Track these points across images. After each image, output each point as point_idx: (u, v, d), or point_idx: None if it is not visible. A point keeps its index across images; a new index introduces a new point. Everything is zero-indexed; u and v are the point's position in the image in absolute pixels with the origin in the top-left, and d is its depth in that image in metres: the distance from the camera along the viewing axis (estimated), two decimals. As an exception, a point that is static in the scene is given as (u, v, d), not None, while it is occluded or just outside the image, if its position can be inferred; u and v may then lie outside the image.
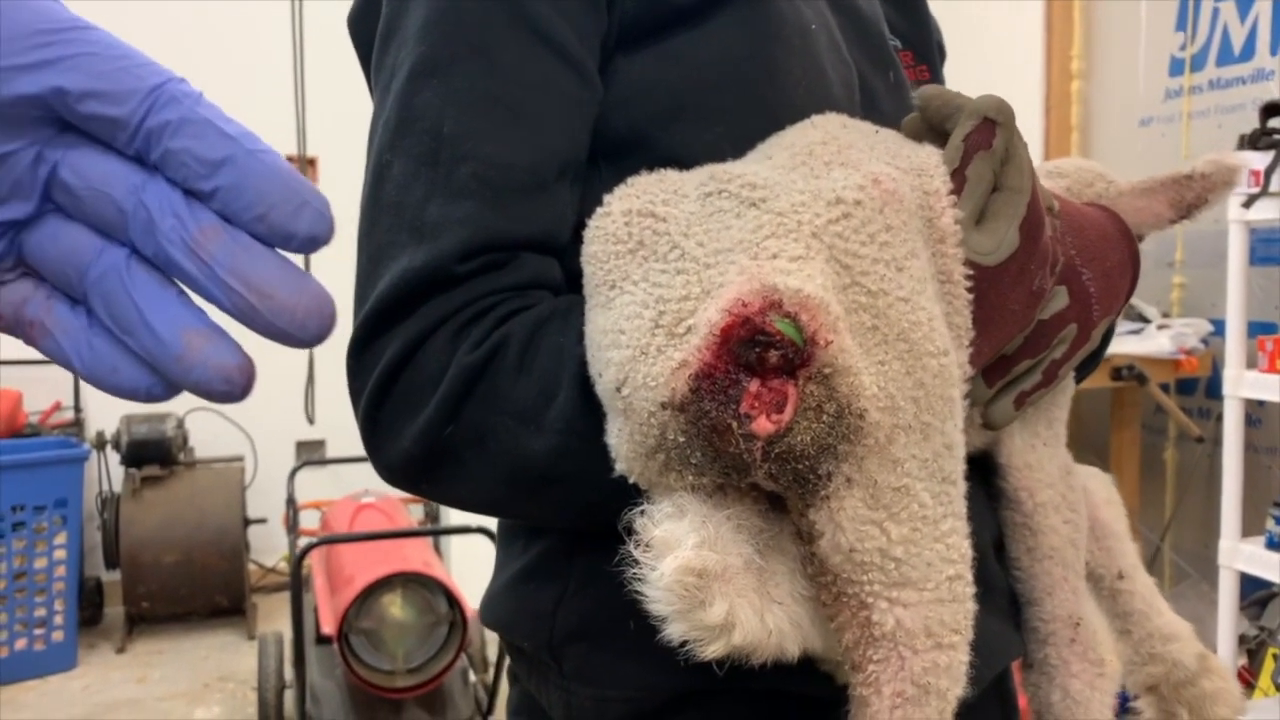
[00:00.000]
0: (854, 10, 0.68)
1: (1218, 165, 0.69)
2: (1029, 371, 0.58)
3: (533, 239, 0.54)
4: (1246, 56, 2.84)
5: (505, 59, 0.54)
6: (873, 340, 0.44)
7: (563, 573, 0.59)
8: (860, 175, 0.47)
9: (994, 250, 0.50)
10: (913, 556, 0.45)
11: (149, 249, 0.25)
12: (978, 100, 0.52)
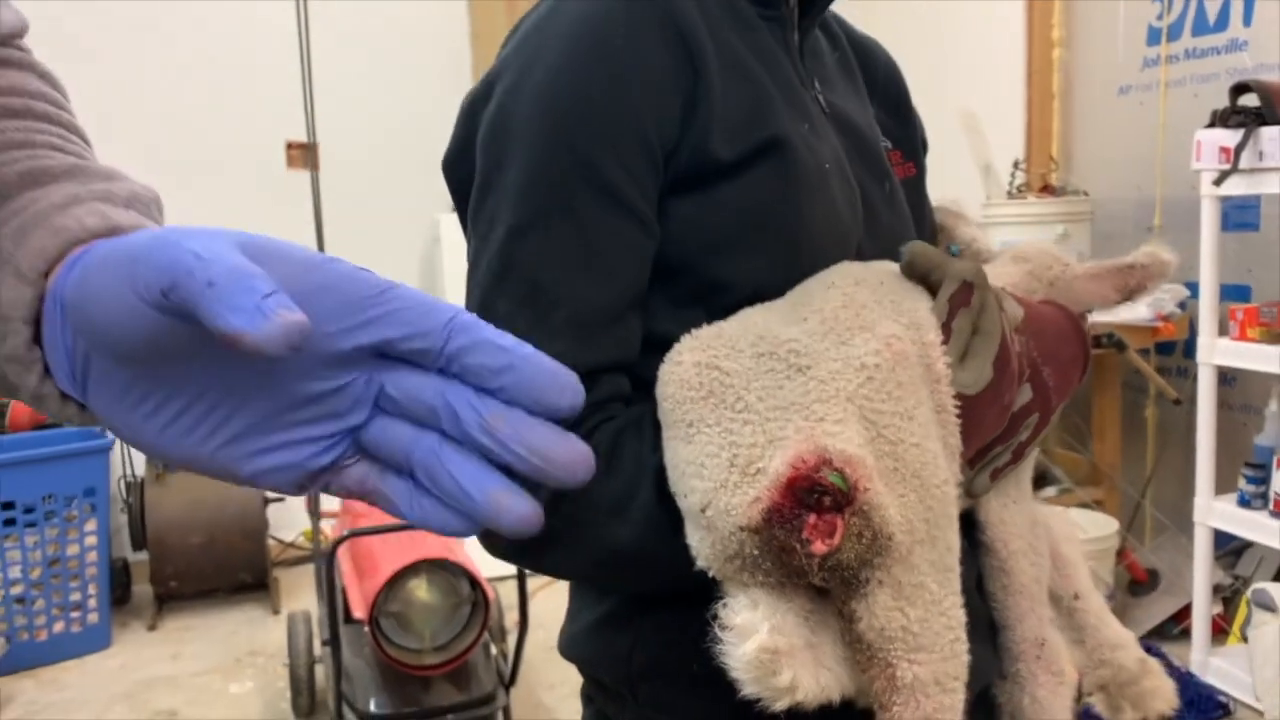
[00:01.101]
0: (856, 133, 0.80)
1: (1154, 258, 0.81)
2: (1001, 453, 0.70)
3: (611, 363, 0.67)
4: (1221, 27, 2.91)
5: (587, 219, 0.66)
6: (895, 479, 0.58)
7: (635, 624, 0.73)
8: (877, 340, 0.61)
9: (974, 384, 0.63)
10: (925, 629, 0.59)
11: (455, 433, 0.35)
12: (958, 266, 0.65)
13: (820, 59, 0.84)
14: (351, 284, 0.34)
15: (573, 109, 0.66)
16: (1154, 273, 0.81)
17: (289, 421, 0.37)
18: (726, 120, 0.69)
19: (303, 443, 0.37)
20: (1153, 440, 3.13)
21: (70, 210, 0.40)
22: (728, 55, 0.71)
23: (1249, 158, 2.29)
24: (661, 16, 0.68)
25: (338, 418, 0.37)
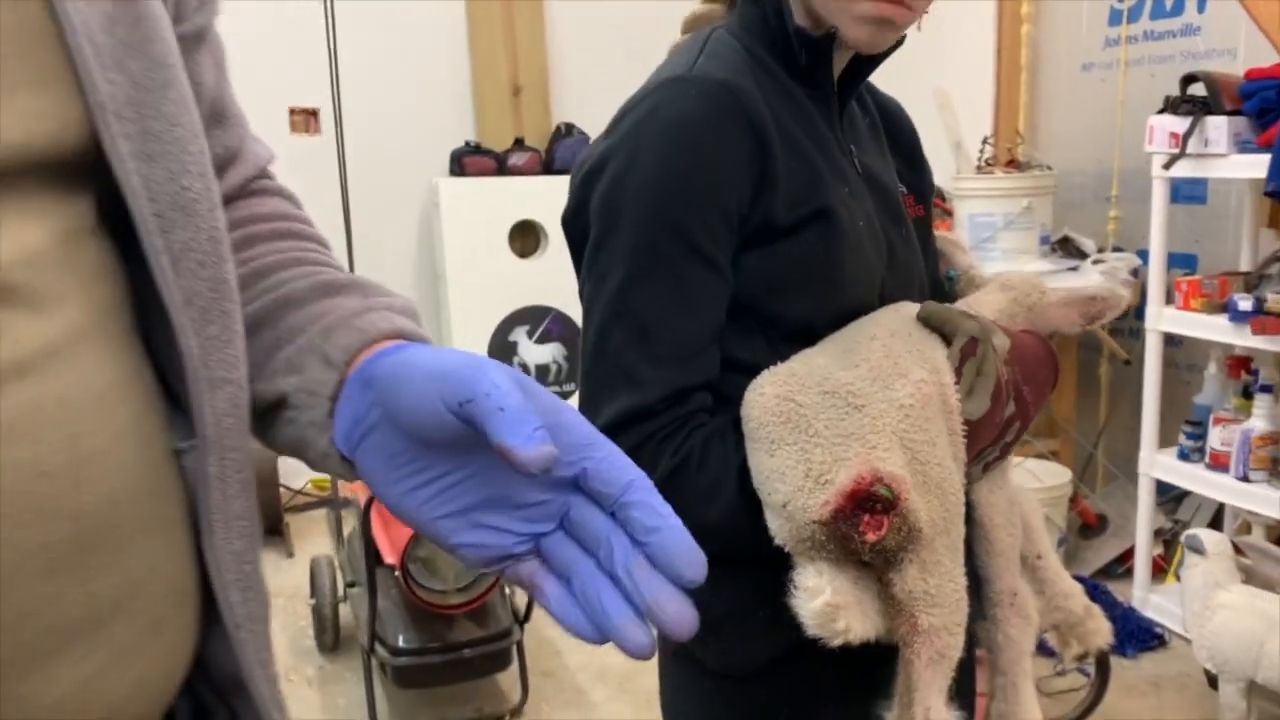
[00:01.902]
0: (882, 189, 1.01)
1: (1112, 293, 1.03)
2: (992, 451, 0.93)
3: (700, 383, 0.88)
4: (1177, 12, 3.12)
5: (682, 273, 0.87)
6: (923, 489, 0.82)
7: (713, 580, 0.95)
8: (911, 385, 0.84)
9: (977, 413, 0.86)
10: (940, 592, 0.83)
11: (607, 564, 0.45)
12: (967, 325, 0.88)
13: (855, 126, 1.04)
14: (575, 428, 0.47)
15: (672, 190, 0.86)
16: (1112, 304, 1.04)
17: (502, 515, 0.48)
18: (787, 194, 0.89)
19: (506, 532, 0.48)
20: (1106, 396, 3.39)
21: (366, 316, 0.56)
22: (788, 140, 0.90)
23: (1195, 144, 2.51)
24: (740, 115, 0.87)
25: (534, 522, 0.48)
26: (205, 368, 0.51)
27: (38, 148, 0.44)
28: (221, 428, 0.52)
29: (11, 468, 0.41)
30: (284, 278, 0.61)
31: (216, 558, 0.52)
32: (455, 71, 3.89)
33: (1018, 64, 3.62)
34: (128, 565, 0.47)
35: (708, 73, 0.88)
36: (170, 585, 0.50)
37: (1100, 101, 3.37)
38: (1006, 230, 3.02)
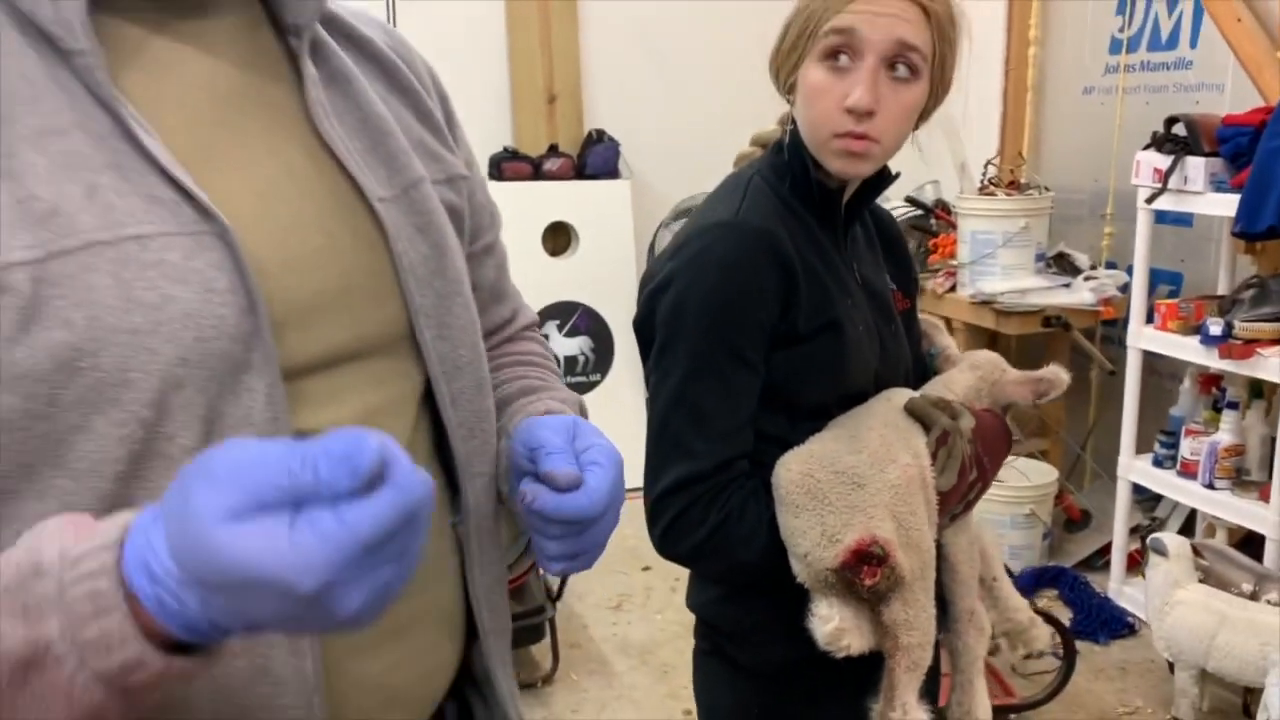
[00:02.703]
0: (877, 295, 1.29)
1: (1056, 376, 1.31)
2: (958, 508, 1.21)
3: (740, 454, 1.16)
4: (1172, 45, 3.33)
5: (728, 374, 1.14)
6: (907, 548, 1.10)
7: (747, 600, 1.24)
8: (899, 468, 1.12)
9: (946, 486, 1.15)
10: (915, 619, 1.12)
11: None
12: (942, 419, 1.15)
13: (857, 242, 1.31)
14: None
15: (721, 311, 1.14)
16: (1057, 385, 1.31)
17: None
18: (806, 311, 1.17)
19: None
20: (1095, 400, 3.64)
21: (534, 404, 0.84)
22: (807, 270, 1.18)
23: (1176, 180, 2.74)
24: (772, 255, 1.15)
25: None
26: (470, 467, 0.80)
27: (385, 336, 0.74)
28: (479, 505, 0.81)
29: None
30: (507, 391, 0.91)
31: (475, 591, 0.82)
32: (494, 81, 4.13)
33: (1025, 83, 3.83)
34: (423, 595, 0.77)
35: (748, 220, 1.16)
36: (447, 609, 0.81)
37: (1099, 124, 3.59)
38: (1005, 247, 3.26)
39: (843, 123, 1.13)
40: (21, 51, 0.62)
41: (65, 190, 0.60)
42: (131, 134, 0.63)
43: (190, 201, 0.63)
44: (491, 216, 0.93)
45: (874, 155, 1.15)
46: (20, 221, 0.58)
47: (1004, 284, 3.23)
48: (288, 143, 0.72)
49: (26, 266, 0.57)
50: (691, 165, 4.07)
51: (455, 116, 0.89)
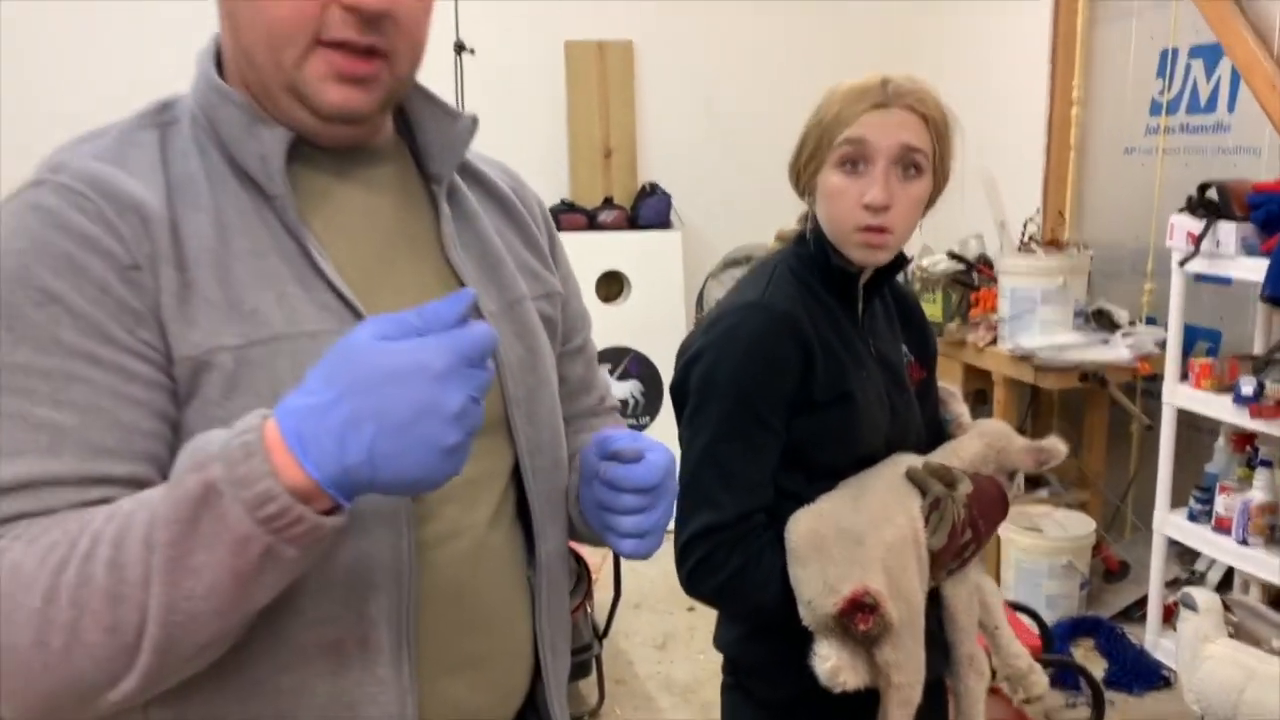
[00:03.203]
0: (891, 367, 1.43)
1: (1055, 447, 1.43)
2: (954, 565, 1.34)
3: (759, 508, 1.31)
4: (1210, 109, 3.42)
5: (752, 436, 1.30)
6: (897, 598, 1.23)
7: (769, 640, 1.37)
8: (894, 529, 1.26)
9: (937, 546, 1.28)
10: (904, 660, 1.25)
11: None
12: (936, 487, 1.28)
13: (875, 318, 1.46)
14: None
15: (746, 382, 1.30)
16: (1055, 455, 1.44)
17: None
18: (822, 383, 1.32)
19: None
20: (1135, 453, 3.70)
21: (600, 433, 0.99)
22: (824, 347, 1.33)
23: (1209, 244, 2.83)
24: (793, 335, 1.30)
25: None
26: (544, 530, 0.97)
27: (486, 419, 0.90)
28: (550, 561, 0.98)
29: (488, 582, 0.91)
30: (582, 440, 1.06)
31: (542, 632, 0.98)
32: (553, 137, 4.34)
33: (1067, 143, 3.93)
34: (501, 631, 0.94)
35: (774, 303, 1.33)
36: (519, 645, 0.97)
37: (1140, 183, 3.67)
38: (1044, 304, 3.35)
39: (862, 218, 1.30)
40: (237, 193, 0.84)
41: (262, 296, 0.81)
42: (311, 257, 0.84)
43: (349, 308, 0.84)
44: (583, 321, 1.12)
45: (890, 244, 1.33)
46: (229, 317, 0.79)
47: (1042, 339, 3.32)
48: (424, 265, 0.93)
49: (231, 350, 0.79)
50: (740, 218, 4.24)
51: (558, 240, 1.10)
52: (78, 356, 0.75)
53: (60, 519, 0.72)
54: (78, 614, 0.68)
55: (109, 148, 0.84)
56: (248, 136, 0.84)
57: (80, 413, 0.75)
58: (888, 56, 4.72)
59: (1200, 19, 3.34)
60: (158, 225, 0.79)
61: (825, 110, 1.33)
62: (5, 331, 0.74)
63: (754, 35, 4.60)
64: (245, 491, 0.67)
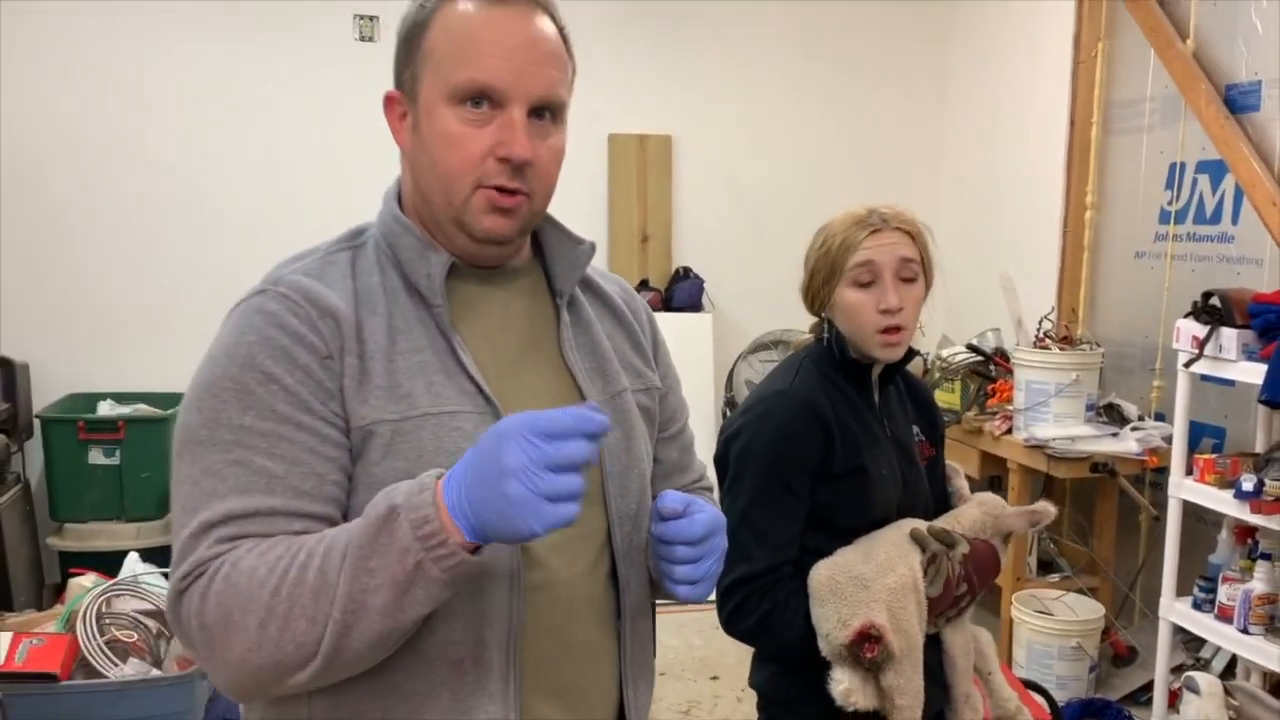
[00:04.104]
0: (902, 445, 1.67)
1: (1045, 510, 1.66)
2: (951, 612, 1.56)
3: (786, 561, 1.54)
4: (1216, 220, 3.64)
5: (783, 503, 1.53)
6: (897, 633, 1.46)
7: (799, 676, 1.57)
8: (896, 577, 1.49)
9: (934, 593, 1.50)
10: (905, 686, 1.47)
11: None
12: (934, 545, 1.50)
13: (889, 402, 1.70)
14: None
15: (777, 459, 1.54)
16: (1045, 516, 1.68)
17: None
18: (840, 457, 1.55)
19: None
20: (1144, 541, 3.86)
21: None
22: (842, 428, 1.57)
23: (1211, 348, 3.03)
24: (817, 419, 1.55)
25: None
26: (629, 586, 1.16)
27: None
28: (634, 613, 1.17)
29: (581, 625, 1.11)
30: None
31: (626, 672, 1.17)
32: (595, 223, 4.60)
33: (1081, 245, 4.16)
34: (591, 667, 1.14)
35: (799, 391, 1.59)
36: (606, 683, 1.16)
37: (1149, 285, 3.89)
38: (1057, 397, 3.55)
39: (881, 321, 1.59)
40: (406, 303, 1.08)
41: (415, 383, 1.04)
42: (456, 354, 1.07)
43: (482, 395, 1.06)
44: (681, 411, 1.33)
45: (905, 339, 1.62)
46: (389, 398, 1.03)
47: (1055, 430, 3.51)
48: (545, 362, 1.15)
49: (390, 423, 1.02)
50: (768, 303, 4.47)
51: (662, 343, 1.32)
52: (287, 422, 0.99)
53: (282, 538, 0.95)
54: (290, 606, 0.91)
55: (314, 266, 1.10)
56: (420, 260, 1.08)
57: (288, 464, 0.98)
58: (912, 160, 5.02)
59: (1206, 137, 3.59)
60: (347, 326, 1.04)
61: (830, 241, 1.61)
62: (236, 400, 0.99)
63: (784, 134, 4.88)
64: (413, 514, 0.89)
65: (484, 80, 1.03)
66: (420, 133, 1.07)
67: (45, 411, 3.94)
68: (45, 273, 4.15)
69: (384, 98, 1.13)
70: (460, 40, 1.05)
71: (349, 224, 1.17)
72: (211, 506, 0.96)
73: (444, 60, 1.05)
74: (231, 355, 1.01)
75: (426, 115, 1.06)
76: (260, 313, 1.03)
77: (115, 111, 4.18)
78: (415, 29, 1.08)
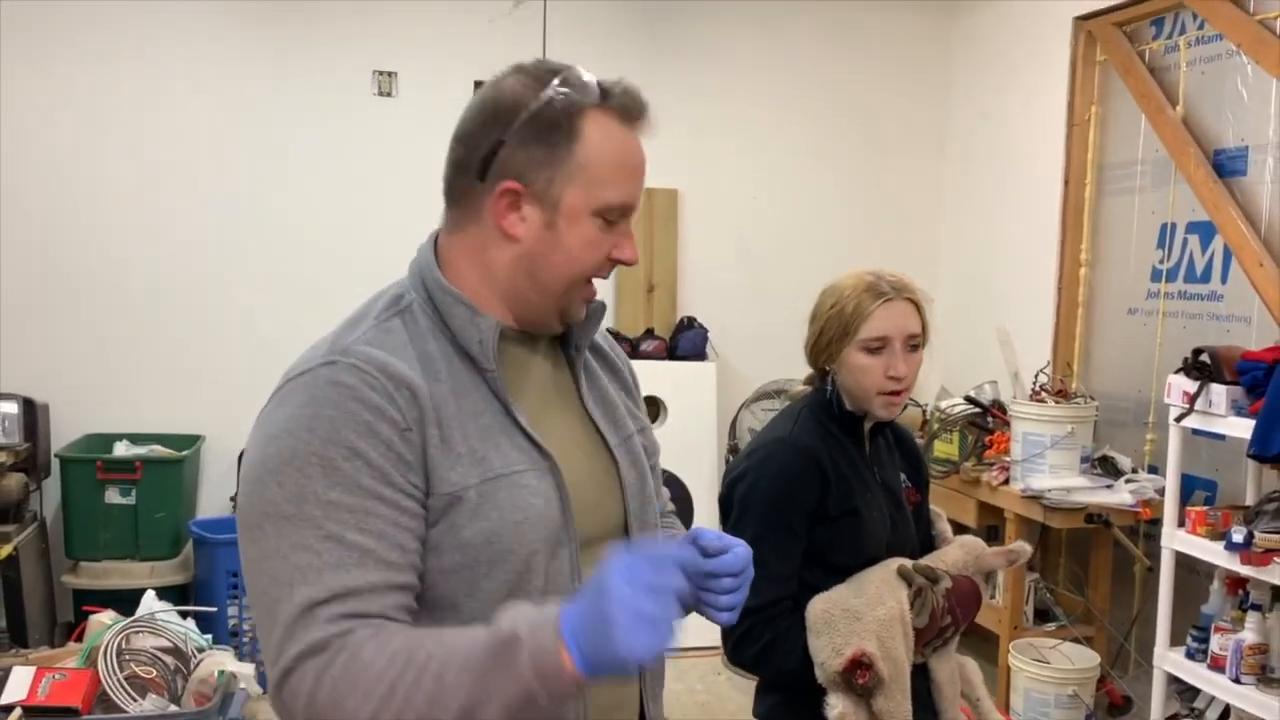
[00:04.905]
0: (891, 490, 1.79)
1: (1022, 549, 1.79)
2: (937, 642, 1.67)
3: (786, 595, 1.64)
4: (1205, 279, 3.76)
5: (783, 540, 1.65)
6: (887, 660, 1.58)
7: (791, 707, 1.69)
8: (885, 609, 1.60)
9: (920, 624, 1.61)
10: (895, 711, 1.59)
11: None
12: (919, 580, 1.62)
13: (880, 452, 1.83)
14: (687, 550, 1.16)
15: (778, 501, 1.66)
16: (1022, 555, 1.81)
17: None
18: (834, 500, 1.68)
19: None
20: (1139, 591, 3.93)
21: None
22: (836, 473, 1.69)
23: (1202, 403, 3.13)
24: (814, 464, 1.68)
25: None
26: None
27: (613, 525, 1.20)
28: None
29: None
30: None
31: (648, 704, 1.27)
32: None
33: (1076, 301, 4.28)
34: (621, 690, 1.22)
35: (799, 439, 1.72)
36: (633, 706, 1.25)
37: (1142, 341, 4.00)
38: (1053, 449, 3.65)
39: (887, 385, 1.73)
40: (459, 366, 1.15)
41: (486, 446, 1.11)
42: (512, 414, 1.15)
43: (539, 450, 1.15)
44: (654, 446, 1.42)
45: (903, 401, 1.76)
46: (471, 463, 1.10)
47: (1051, 481, 3.61)
48: (571, 412, 1.26)
49: (475, 487, 1.09)
50: (771, 353, 4.58)
51: (640, 388, 1.42)
52: (372, 497, 1.03)
53: (400, 630, 0.99)
54: (404, 706, 0.94)
55: (374, 335, 1.12)
56: (471, 326, 1.15)
57: (376, 538, 1.02)
58: (912, 218, 5.16)
59: (1196, 199, 3.72)
60: (422, 397, 1.08)
61: (844, 304, 1.75)
62: (322, 475, 1.02)
63: (789, 191, 5.03)
64: (535, 648, 0.93)
65: (629, 204, 1.16)
66: (557, 232, 1.13)
67: (64, 451, 4.02)
68: (65, 316, 4.25)
69: (500, 190, 1.13)
70: (613, 163, 1.14)
71: (362, 274, 1.23)
72: (312, 582, 0.99)
73: (597, 180, 1.13)
74: (312, 429, 1.03)
75: (569, 221, 1.13)
76: (335, 385, 1.05)
77: (133, 158, 4.31)
78: (556, 133, 1.12)
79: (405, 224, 4.83)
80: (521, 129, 1.12)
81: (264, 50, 4.39)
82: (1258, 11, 3.51)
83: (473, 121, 1.16)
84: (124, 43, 4.26)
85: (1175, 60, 3.89)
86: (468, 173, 1.16)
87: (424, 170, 5.51)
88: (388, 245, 4.74)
